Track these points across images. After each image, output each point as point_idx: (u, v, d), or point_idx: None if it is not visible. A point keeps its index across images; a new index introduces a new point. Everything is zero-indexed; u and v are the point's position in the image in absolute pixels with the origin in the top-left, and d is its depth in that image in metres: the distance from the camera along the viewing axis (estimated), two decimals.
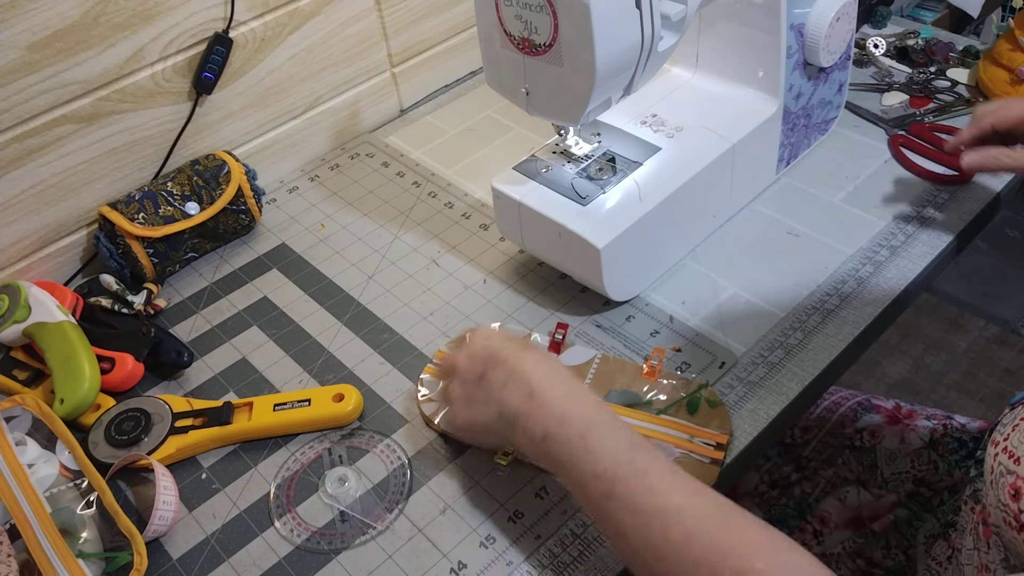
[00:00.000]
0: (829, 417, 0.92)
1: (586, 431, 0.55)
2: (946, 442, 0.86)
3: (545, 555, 0.61)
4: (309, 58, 0.95)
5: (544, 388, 0.58)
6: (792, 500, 0.88)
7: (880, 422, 0.90)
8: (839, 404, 0.94)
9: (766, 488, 0.89)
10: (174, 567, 0.63)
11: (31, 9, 0.73)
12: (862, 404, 0.93)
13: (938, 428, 0.88)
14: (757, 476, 0.90)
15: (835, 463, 0.89)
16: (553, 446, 0.56)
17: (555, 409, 0.56)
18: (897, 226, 0.83)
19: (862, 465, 0.88)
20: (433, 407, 0.71)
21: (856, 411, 0.92)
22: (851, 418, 0.91)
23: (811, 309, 0.76)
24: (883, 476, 0.86)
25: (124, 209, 0.82)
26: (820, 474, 0.88)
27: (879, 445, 0.88)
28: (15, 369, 0.75)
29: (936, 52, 1.02)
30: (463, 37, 1.10)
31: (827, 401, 0.95)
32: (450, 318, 0.79)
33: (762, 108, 0.82)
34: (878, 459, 0.87)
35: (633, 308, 0.78)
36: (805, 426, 0.93)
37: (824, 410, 0.93)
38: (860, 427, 0.90)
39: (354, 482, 0.67)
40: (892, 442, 0.88)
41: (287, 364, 0.77)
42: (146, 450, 0.68)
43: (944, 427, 0.87)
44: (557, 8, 0.61)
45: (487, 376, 0.61)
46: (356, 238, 0.89)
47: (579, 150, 0.78)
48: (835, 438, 0.90)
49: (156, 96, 0.85)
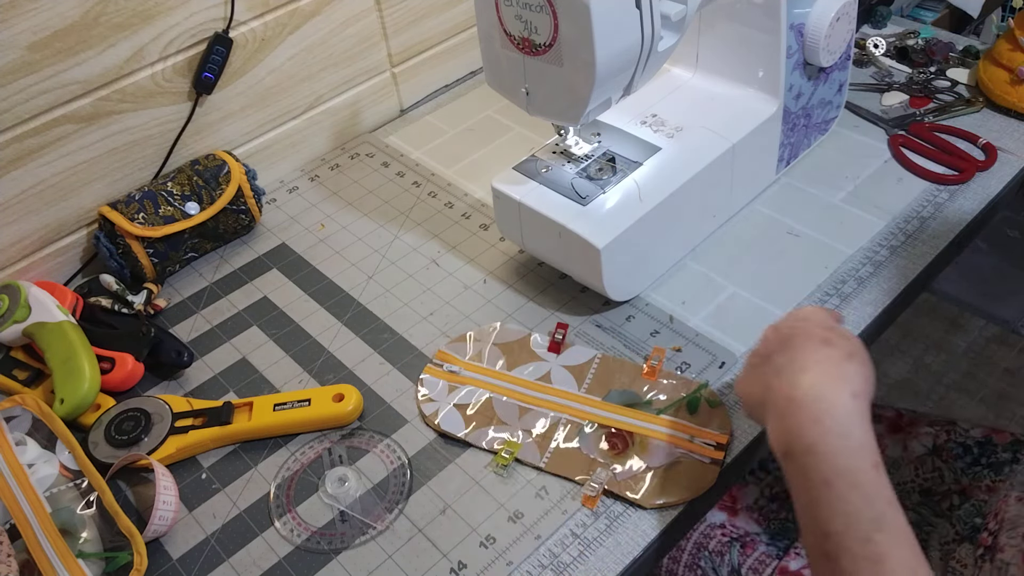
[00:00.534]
0: None
1: (832, 479, 0.48)
2: (950, 448, 0.86)
3: (545, 555, 0.61)
4: (309, 58, 0.95)
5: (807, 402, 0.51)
6: (792, 514, 0.86)
7: (881, 431, 0.89)
8: None
9: (766, 502, 0.88)
10: (174, 567, 0.63)
11: (31, 9, 0.73)
12: None
13: (940, 434, 0.87)
14: (757, 489, 0.89)
15: None
16: (792, 470, 0.50)
17: (807, 433, 0.50)
18: (897, 226, 0.83)
19: None
20: (433, 407, 0.71)
21: None
22: None
23: None
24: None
25: (124, 209, 0.82)
26: None
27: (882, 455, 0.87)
28: (15, 369, 0.75)
29: (936, 52, 1.02)
30: (463, 37, 1.10)
31: None
32: (450, 318, 0.79)
33: (762, 108, 0.82)
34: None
35: (633, 308, 0.78)
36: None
37: None
38: None
39: (354, 482, 0.67)
40: (895, 451, 0.87)
41: (287, 364, 0.77)
42: (146, 450, 0.68)
43: (947, 433, 0.87)
44: (557, 8, 0.61)
45: (773, 356, 0.56)
46: (356, 238, 0.89)
47: (579, 150, 0.78)
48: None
49: (156, 96, 0.85)
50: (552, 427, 0.68)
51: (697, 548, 0.85)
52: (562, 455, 0.66)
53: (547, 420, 0.69)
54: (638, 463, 0.65)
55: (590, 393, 0.71)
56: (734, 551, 0.82)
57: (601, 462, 0.65)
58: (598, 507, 0.63)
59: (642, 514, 0.63)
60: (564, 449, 0.67)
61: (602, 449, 0.66)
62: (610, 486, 0.64)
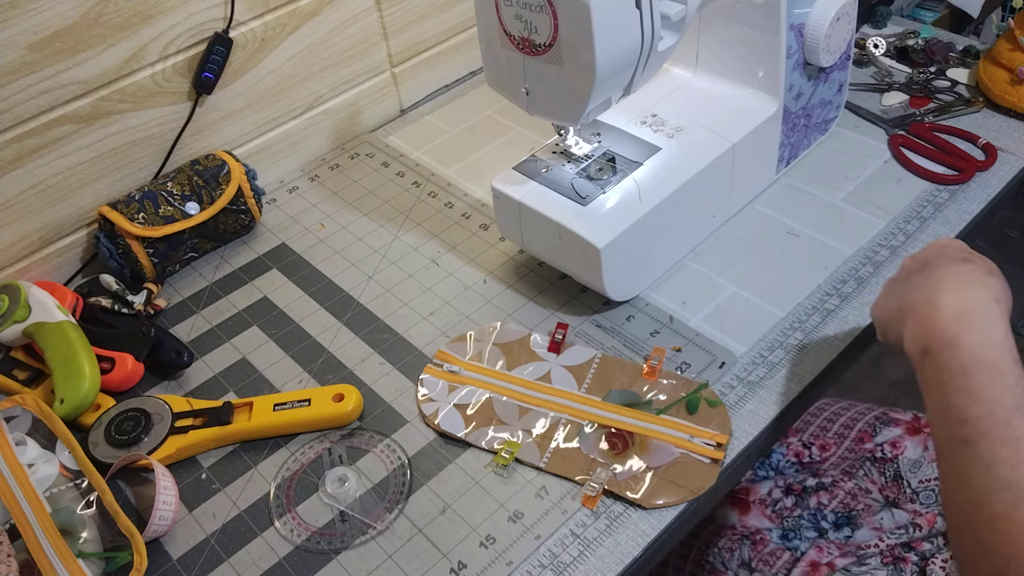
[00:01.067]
0: (846, 434, 0.90)
1: (973, 369, 0.49)
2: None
3: (545, 555, 0.61)
4: (309, 58, 0.95)
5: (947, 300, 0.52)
6: (807, 511, 0.85)
7: (900, 433, 0.89)
8: (855, 420, 0.92)
9: (781, 495, 0.87)
10: (174, 567, 0.63)
11: (31, 9, 0.73)
12: (879, 418, 0.91)
13: None
14: (771, 482, 0.88)
15: (855, 475, 0.87)
16: (929, 367, 0.51)
17: (948, 328, 0.51)
18: (897, 226, 0.83)
19: (884, 477, 0.86)
20: (433, 407, 0.71)
21: (874, 425, 0.90)
22: (870, 433, 0.90)
23: (811, 309, 0.76)
24: (911, 487, 0.84)
25: (124, 209, 0.82)
26: (839, 486, 0.86)
27: (901, 455, 0.86)
28: (15, 369, 0.75)
29: (936, 52, 1.02)
30: (463, 37, 1.10)
31: (843, 417, 0.93)
32: (450, 318, 0.79)
33: (762, 108, 0.82)
34: (901, 469, 0.86)
35: (633, 308, 0.78)
36: (823, 444, 0.91)
37: (841, 426, 0.91)
38: (880, 441, 0.88)
39: (354, 482, 0.67)
40: (915, 451, 0.86)
41: (287, 364, 0.77)
42: (146, 450, 0.68)
43: None
44: (557, 8, 0.61)
45: (912, 276, 0.58)
46: (356, 238, 0.89)
47: (579, 150, 0.78)
48: (854, 454, 0.89)
49: (156, 96, 0.85)
50: (552, 427, 0.68)
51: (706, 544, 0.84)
52: (562, 455, 0.66)
53: (547, 420, 0.69)
54: (638, 463, 0.65)
55: (590, 393, 0.71)
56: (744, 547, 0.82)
57: (601, 462, 0.65)
58: (598, 507, 0.63)
59: (642, 514, 0.63)
60: (564, 449, 0.67)
61: (602, 449, 0.66)
62: (610, 486, 0.64)
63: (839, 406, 0.96)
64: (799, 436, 0.93)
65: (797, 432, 0.93)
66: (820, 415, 0.96)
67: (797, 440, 0.93)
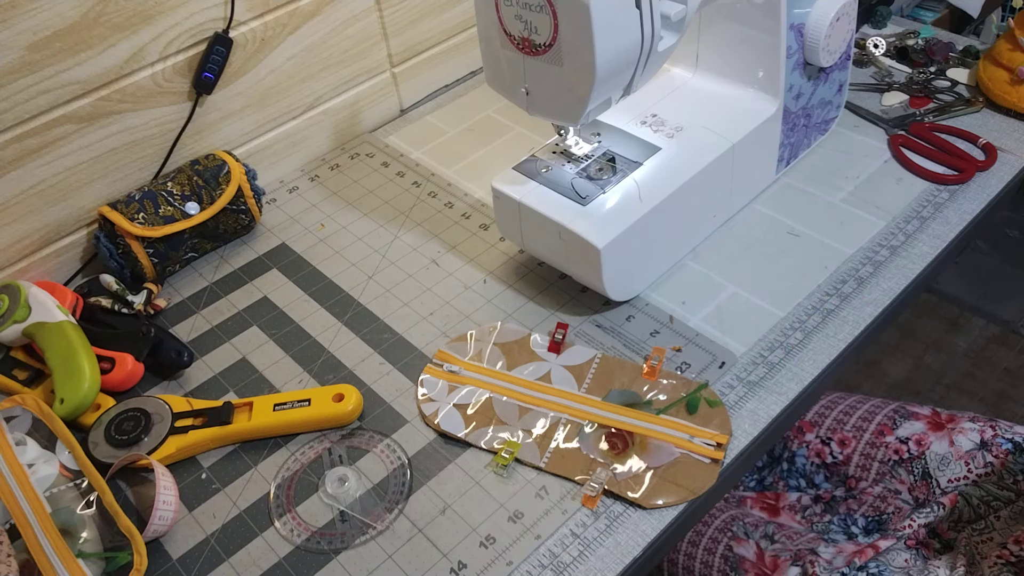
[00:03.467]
0: (864, 427, 0.90)
1: None
2: (999, 443, 0.84)
3: (545, 555, 0.61)
4: (309, 58, 0.95)
5: None
6: (837, 516, 0.85)
7: (923, 428, 0.88)
8: (872, 413, 0.91)
9: (810, 502, 0.86)
10: (174, 567, 0.63)
11: (31, 9, 0.73)
12: (898, 412, 0.90)
13: (986, 429, 0.86)
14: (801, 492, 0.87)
15: (883, 479, 0.86)
16: None
17: None
18: (897, 226, 0.83)
19: (913, 476, 0.85)
20: (433, 407, 0.71)
21: (894, 419, 0.90)
22: (890, 427, 0.89)
23: (811, 309, 0.76)
24: (939, 485, 0.84)
25: (124, 209, 0.82)
26: (868, 492, 0.86)
27: (927, 452, 0.86)
28: (15, 369, 0.75)
29: (936, 52, 1.02)
30: (463, 37, 1.10)
31: (860, 409, 0.92)
32: (450, 318, 0.79)
33: (762, 108, 0.82)
34: (929, 466, 0.85)
35: (633, 308, 0.78)
36: (841, 439, 0.91)
37: (859, 419, 0.91)
38: (902, 436, 0.88)
39: (354, 482, 0.67)
40: (941, 447, 0.86)
41: (287, 364, 0.77)
42: (146, 450, 0.68)
43: (992, 428, 0.86)
44: (557, 8, 0.61)
45: None
46: (356, 238, 0.89)
47: (579, 150, 0.78)
48: (876, 449, 0.88)
49: (156, 96, 0.85)
50: (552, 427, 0.68)
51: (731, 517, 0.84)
52: (562, 455, 0.66)
53: (547, 420, 0.69)
54: (638, 463, 0.65)
55: (590, 393, 0.71)
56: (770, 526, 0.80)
57: (601, 462, 0.65)
58: (598, 507, 0.63)
59: (642, 514, 0.63)
60: (564, 449, 0.67)
61: (602, 449, 0.66)
62: (610, 486, 0.64)
63: (853, 399, 0.95)
64: (815, 431, 0.92)
65: (813, 427, 0.93)
66: (835, 408, 0.94)
67: (814, 436, 0.92)
